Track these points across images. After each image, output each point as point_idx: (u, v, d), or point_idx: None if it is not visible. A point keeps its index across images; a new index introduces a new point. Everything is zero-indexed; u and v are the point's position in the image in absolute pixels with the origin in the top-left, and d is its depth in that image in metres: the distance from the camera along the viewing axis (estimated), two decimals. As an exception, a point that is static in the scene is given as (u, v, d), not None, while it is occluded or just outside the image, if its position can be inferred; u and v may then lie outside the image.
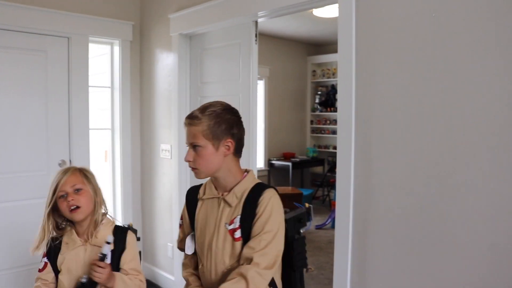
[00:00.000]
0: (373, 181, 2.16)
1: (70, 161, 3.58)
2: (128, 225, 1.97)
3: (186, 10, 3.27)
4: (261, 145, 7.12)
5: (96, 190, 1.80)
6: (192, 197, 1.71)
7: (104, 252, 1.64)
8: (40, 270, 1.79)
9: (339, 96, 2.29)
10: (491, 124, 1.74)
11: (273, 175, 7.29)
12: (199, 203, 1.67)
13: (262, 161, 7.17)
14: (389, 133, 2.09)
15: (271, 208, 1.52)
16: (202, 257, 1.64)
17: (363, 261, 2.21)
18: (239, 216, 1.54)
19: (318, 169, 7.93)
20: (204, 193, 1.66)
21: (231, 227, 1.54)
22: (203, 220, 1.63)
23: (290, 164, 6.99)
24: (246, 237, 1.53)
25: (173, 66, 3.50)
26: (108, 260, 1.68)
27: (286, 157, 7.37)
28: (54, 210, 1.78)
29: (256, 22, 2.91)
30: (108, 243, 1.65)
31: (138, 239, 1.90)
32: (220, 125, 1.52)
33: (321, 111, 7.82)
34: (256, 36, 2.92)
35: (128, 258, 1.77)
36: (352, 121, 2.21)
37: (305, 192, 6.62)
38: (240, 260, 1.52)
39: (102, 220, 1.81)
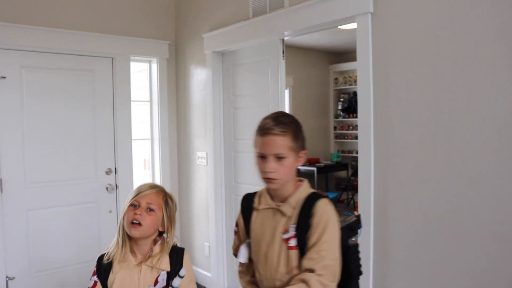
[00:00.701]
0: (391, 182, 2.44)
1: (115, 169, 3.96)
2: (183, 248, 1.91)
3: (219, 30, 3.62)
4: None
5: (171, 220, 1.75)
6: (247, 205, 1.71)
7: (175, 286, 1.62)
8: None
9: (359, 104, 2.58)
10: (493, 127, 2.01)
11: (298, 180, 7.55)
12: (255, 213, 1.68)
13: (288, 167, 7.44)
14: (404, 137, 2.37)
15: (327, 218, 1.52)
16: (258, 265, 1.67)
17: (384, 255, 2.48)
18: (294, 225, 1.55)
19: (342, 173, 8.18)
20: (259, 203, 1.67)
21: (286, 236, 1.56)
22: (259, 230, 1.65)
23: (315, 169, 7.25)
24: (302, 246, 1.54)
25: (207, 80, 3.85)
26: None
27: (311, 162, 7.63)
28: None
29: (283, 40, 3.23)
30: (181, 277, 1.62)
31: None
32: (299, 136, 1.56)
33: (343, 117, 8.08)
34: (283, 52, 3.24)
35: (186, 280, 1.70)
36: (371, 127, 2.50)
37: (330, 195, 6.85)
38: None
39: (159, 241, 1.75)
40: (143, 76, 4.39)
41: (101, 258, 1.73)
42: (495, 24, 1.99)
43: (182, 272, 1.62)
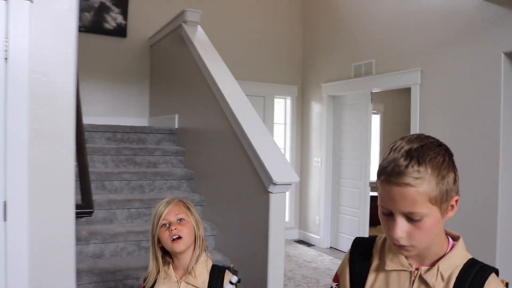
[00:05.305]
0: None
1: (263, 165, 6.36)
2: (229, 266, 1.79)
3: (332, 82, 5.91)
4: (375, 163, 9.42)
5: (198, 223, 1.75)
6: (361, 261, 1.16)
7: None
8: None
9: (411, 131, 4.68)
10: (488, 142, 4.04)
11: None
12: (373, 273, 1.12)
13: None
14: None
15: None
16: None
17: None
18: None
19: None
20: (383, 261, 1.11)
21: None
22: None
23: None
24: None
25: (323, 113, 6.15)
26: None
27: (396, 173, 9.53)
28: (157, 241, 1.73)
29: (371, 92, 5.42)
30: (232, 283, 1.56)
31: (239, 281, 1.72)
32: None
33: (426, 138, 9.88)
34: (371, 99, 5.43)
35: None
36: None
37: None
38: None
39: (200, 257, 1.73)
40: (279, 106, 6.80)
41: (145, 278, 1.77)
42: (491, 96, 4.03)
43: (233, 279, 1.59)
